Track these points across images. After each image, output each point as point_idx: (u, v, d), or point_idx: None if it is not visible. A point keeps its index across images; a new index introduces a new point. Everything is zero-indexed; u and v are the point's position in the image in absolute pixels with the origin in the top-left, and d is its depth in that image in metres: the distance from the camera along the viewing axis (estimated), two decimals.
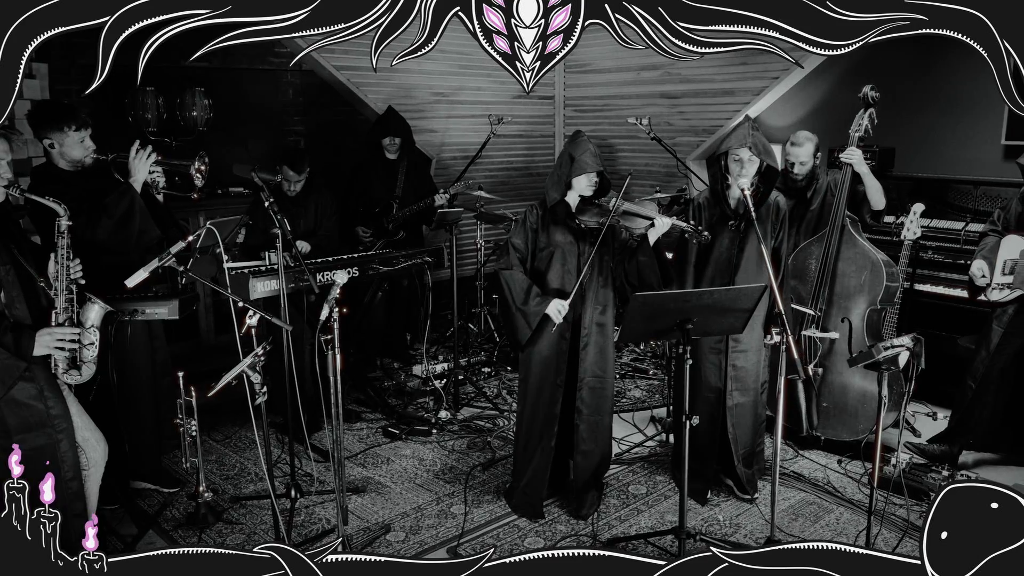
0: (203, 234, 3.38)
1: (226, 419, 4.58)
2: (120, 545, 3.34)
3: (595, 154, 3.41)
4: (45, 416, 2.80)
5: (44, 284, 2.83)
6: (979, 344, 3.92)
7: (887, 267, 3.92)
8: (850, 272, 3.99)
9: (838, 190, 3.99)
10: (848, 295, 4.00)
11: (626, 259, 3.45)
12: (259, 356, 2.99)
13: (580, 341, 3.48)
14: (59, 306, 2.83)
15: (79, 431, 2.92)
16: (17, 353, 2.72)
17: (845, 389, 4.05)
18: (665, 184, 6.30)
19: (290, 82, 6.04)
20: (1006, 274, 3.75)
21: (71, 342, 2.82)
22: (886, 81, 5.27)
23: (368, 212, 5.34)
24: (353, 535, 3.45)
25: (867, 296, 3.96)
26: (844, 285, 4.00)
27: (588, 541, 3.42)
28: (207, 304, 5.24)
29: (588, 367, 3.49)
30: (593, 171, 3.39)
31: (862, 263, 3.96)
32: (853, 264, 3.98)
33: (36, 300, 2.85)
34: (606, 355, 3.53)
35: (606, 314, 3.51)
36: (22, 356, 2.73)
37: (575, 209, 3.44)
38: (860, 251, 3.98)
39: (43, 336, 2.76)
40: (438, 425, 4.63)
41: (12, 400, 2.74)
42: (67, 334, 2.81)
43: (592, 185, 3.43)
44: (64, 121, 3.35)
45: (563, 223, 3.47)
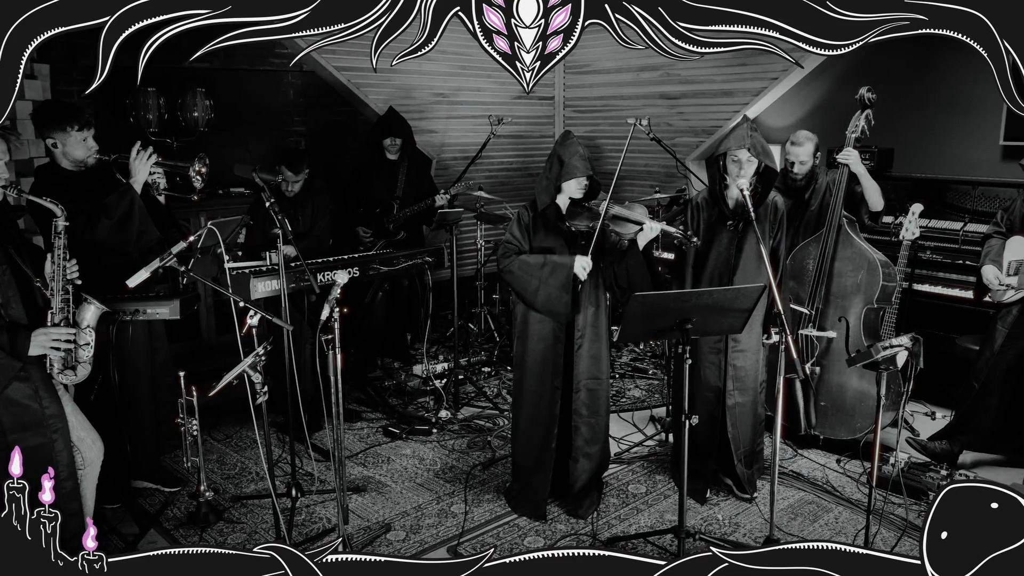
0: (204, 234, 3.38)
1: (227, 419, 4.58)
2: (121, 544, 3.34)
3: (584, 156, 3.39)
4: (40, 416, 2.79)
5: (40, 284, 2.83)
6: (983, 345, 3.92)
7: (884, 267, 3.92)
8: (847, 272, 3.99)
9: (835, 190, 3.99)
10: (845, 294, 4.00)
11: (616, 262, 3.45)
12: (260, 356, 2.99)
13: (575, 343, 3.48)
14: (55, 306, 2.82)
15: (74, 430, 2.92)
16: (12, 353, 2.72)
17: (843, 388, 4.05)
18: (665, 184, 6.30)
19: (291, 83, 6.04)
20: (1011, 275, 3.75)
21: (66, 342, 2.82)
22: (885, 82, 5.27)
23: (369, 212, 5.34)
24: (354, 534, 3.45)
25: (863, 295, 3.96)
26: (841, 284, 4.00)
27: (588, 540, 3.42)
28: (208, 304, 5.23)
29: (584, 369, 3.49)
30: (583, 175, 3.38)
31: (859, 263, 3.96)
32: (850, 264, 3.98)
33: (32, 300, 2.84)
34: (601, 356, 3.53)
35: (599, 315, 3.51)
36: (17, 356, 2.73)
37: (566, 212, 3.43)
38: (857, 251, 3.98)
39: (39, 336, 2.76)
40: (438, 424, 4.63)
41: (7, 399, 2.74)
42: (62, 334, 2.80)
43: (582, 188, 3.41)
44: (67, 121, 3.35)
45: (554, 226, 3.46)
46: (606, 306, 3.55)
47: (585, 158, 3.40)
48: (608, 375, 3.64)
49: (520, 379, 3.60)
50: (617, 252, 3.44)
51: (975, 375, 3.91)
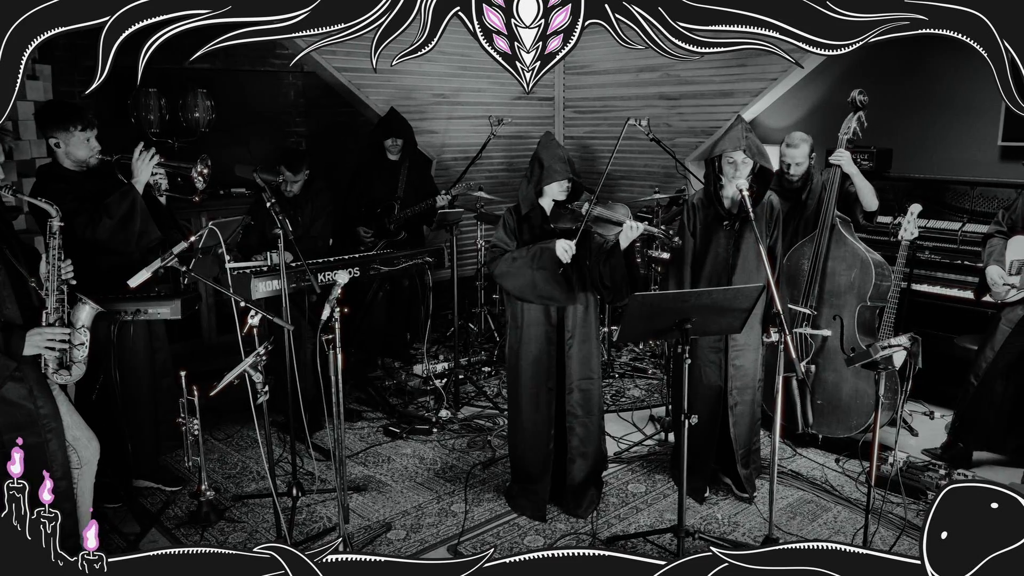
0: (205, 234, 3.38)
1: (228, 418, 4.58)
2: (123, 543, 3.34)
3: (564, 159, 3.39)
4: (35, 415, 2.78)
5: (35, 284, 2.82)
6: (983, 343, 3.92)
7: (876, 266, 3.94)
8: (840, 270, 4.01)
9: (828, 190, 4.02)
10: (838, 293, 4.02)
11: (601, 262, 3.45)
12: (261, 356, 2.98)
13: (566, 344, 3.48)
14: (49, 307, 2.81)
15: (69, 430, 2.91)
16: (7, 352, 2.71)
17: (838, 386, 4.06)
18: (664, 184, 6.29)
19: (292, 84, 6.04)
20: (1014, 274, 3.75)
21: (61, 342, 2.81)
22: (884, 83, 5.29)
23: (370, 213, 5.34)
24: (354, 533, 3.44)
25: (857, 294, 3.98)
26: (834, 283, 4.03)
27: (588, 540, 3.41)
28: (209, 304, 5.23)
29: (576, 369, 3.49)
30: (563, 178, 3.38)
31: (851, 262, 3.98)
32: (843, 263, 4.00)
33: (27, 300, 2.83)
34: (591, 355, 3.53)
35: (588, 313, 3.51)
36: (12, 356, 2.72)
37: (550, 214, 3.42)
38: (850, 250, 3.99)
39: (33, 336, 2.75)
40: (438, 424, 4.62)
41: (1, 399, 2.73)
42: (57, 334, 2.79)
43: (564, 190, 3.41)
44: (70, 121, 3.36)
45: (539, 228, 3.46)
46: (595, 306, 3.56)
47: (565, 160, 3.40)
48: (600, 374, 3.64)
49: (515, 382, 3.59)
50: (603, 252, 3.45)
51: (974, 372, 3.91)
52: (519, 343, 3.52)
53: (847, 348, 3.96)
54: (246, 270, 3.91)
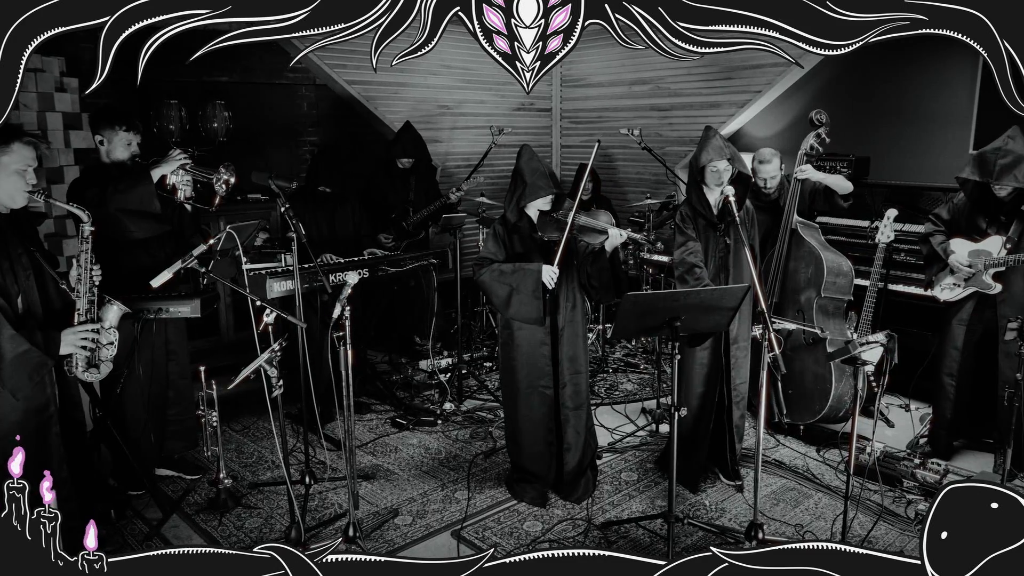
0: (223, 237, 3.39)
1: (245, 410, 4.59)
2: (146, 528, 3.35)
3: (545, 173, 3.38)
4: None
5: (66, 288, 2.82)
6: (943, 343, 3.92)
7: (829, 262, 4.06)
8: (800, 269, 4.15)
9: (788, 201, 4.11)
10: (798, 289, 4.16)
11: (589, 265, 3.46)
12: (275, 351, 2.99)
13: (557, 341, 3.47)
14: (81, 308, 2.81)
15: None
16: (47, 351, 2.71)
17: (802, 374, 4.14)
18: (655, 191, 6.30)
19: (305, 96, 6.04)
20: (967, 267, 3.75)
21: (92, 340, 2.81)
22: (863, 93, 5.30)
23: (386, 219, 5.37)
24: (363, 519, 3.45)
25: (813, 287, 4.11)
26: (795, 281, 4.16)
27: (583, 524, 3.42)
28: (227, 303, 5.23)
29: (567, 365, 3.49)
30: (547, 195, 3.38)
31: (808, 260, 4.12)
32: (802, 262, 4.14)
33: (49, 304, 2.83)
34: (579, 350, 3.53)
35: (576, 312, 3.51)
36: (50, 354, 2.73)
37: (537, 223, 3.43)
38: (807, 250, 4.13)
39: (68, 335, 2.75)
40: (443, 416, 4.63)
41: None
42: (88, 331, 2.80)
43: (548, 202, 3.41)
44: (117, 121, 3.45)
45: (528, 237, 3.46)
46: (583, 303, 3.57)
47: (546, 174, 3.39)
48: (587, 368, 3.65)
49: (511, 383, 3.56)
50: (590, 256, 3.45)
51: (946, 372, 3.90)
52: (512, 344, 3.51)
53: (808, 337, 4.07)
54: (262, 271, 3.92)
